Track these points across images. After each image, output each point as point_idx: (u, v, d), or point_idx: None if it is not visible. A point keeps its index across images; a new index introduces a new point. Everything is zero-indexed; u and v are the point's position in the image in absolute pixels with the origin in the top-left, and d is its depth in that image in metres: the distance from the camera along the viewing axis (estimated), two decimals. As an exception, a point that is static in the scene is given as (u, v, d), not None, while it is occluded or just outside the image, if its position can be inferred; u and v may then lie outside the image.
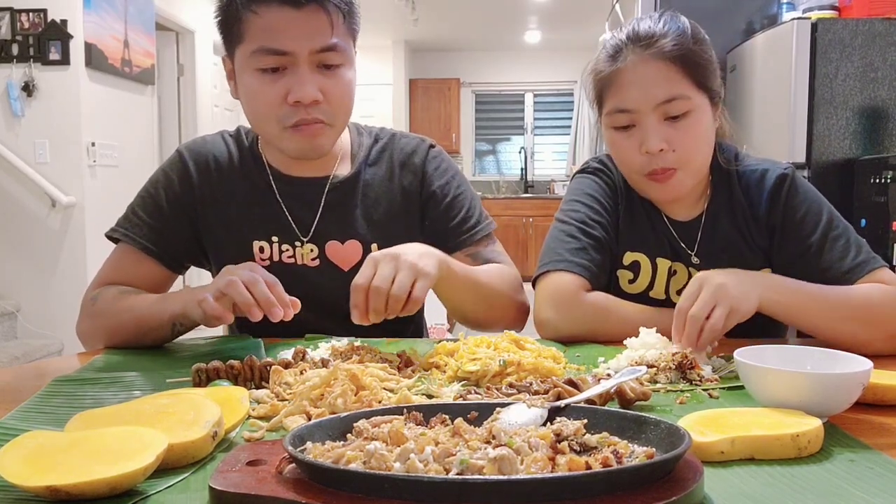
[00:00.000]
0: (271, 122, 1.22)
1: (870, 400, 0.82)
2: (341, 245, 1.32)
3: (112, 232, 1.33)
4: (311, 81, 1.18)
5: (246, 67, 1.21)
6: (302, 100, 1.18)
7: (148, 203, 1.33)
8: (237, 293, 1.03)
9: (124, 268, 1.30)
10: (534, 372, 0.93)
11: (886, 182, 2.66)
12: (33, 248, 4.31)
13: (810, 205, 1.25)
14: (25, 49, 4.21)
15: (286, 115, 1.20)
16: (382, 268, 1.03)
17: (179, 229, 1.33)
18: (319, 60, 1.19)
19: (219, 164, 1.35)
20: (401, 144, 1.40)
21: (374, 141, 1.40)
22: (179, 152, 1.37)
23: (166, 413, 0.71)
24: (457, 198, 1.36)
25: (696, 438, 0.66)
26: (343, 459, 0.57)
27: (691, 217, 1.30)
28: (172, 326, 1.16)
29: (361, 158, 1.37)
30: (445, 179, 1.38)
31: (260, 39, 1.18)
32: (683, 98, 1.18)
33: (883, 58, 2.86)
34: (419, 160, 1.38)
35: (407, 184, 1.37)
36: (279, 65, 1.18)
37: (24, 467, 0.59)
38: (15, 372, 1.18)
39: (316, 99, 1.19)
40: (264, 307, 1.03)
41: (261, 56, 1.18)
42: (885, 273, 1.19)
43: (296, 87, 1.18)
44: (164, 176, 1.35)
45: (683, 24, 1.22)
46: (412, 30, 7.95)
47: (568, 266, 1.23)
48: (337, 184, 1.34)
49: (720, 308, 1.00)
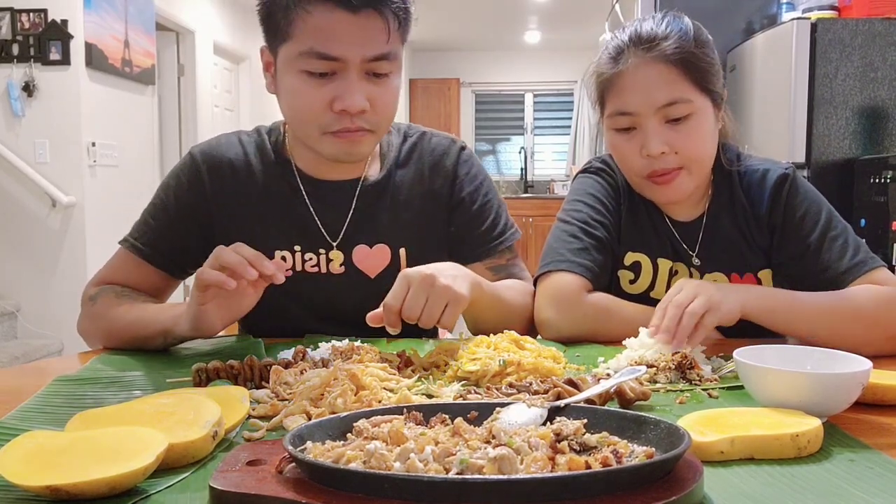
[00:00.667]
0: (311, 126, 1.17)
1: (869, 400, 0.82)
2: (369, 249, 1.28)
3: (122, 241, 1.30)
4: (360, 90, 1.12)
5: (290, 67, 1.14)
6: (349, 109, 1.12)
7: (158, 209, 1.30)
8: (226, 256, 1.00)
9: (124, 270, 1.30)
10: (534, 372, 0.93)
11: (886, 182, 2.66)
12: (33, 248, 4.31)
13: (810, 205, 1.25)
14: (26, 49, 4.21)
15: (330, 122, 1.15)
16: (415, 291, 1.01)
17: (187, 235, 1.28)
18: (370, 68, 1.13)
19: (234, 170, 1.29)
20: (431, 145, 1.34)
21: (403, 140, 1.34)
22: (192, 155, 1.31)
23: (166, 413, 0.71)
24: (485, 206, 1.32)
25: (696, 438, 0.66)
26: (343, 459, 0.57)
27: (693, 217, 1.30)
28: (163, 339, 1.14)
29: (392, 159, 1.31)
30: (475, 185, 1.33)
31: (310, 41, 1.11)
32: (685, 101, 1.18)
33: (883, 58, 2.86)
34: (450, 163, 1.33)
35: (437, 187, 1.32)
36: (328, 70, 1.12)
37: (25, 467, 0.59)
38: (15, 372, 1.18)
39: (363, 109, 1.13)
40: (256, 264, 1.00)
41: (309, 59, 1.11)
42: (882, 273, 1.19)
43: (344, 95, 1.12)
44: (174, 180, 1.30)
45: (686, 25, 1.21)
46: (412, 30, 7.93)
47: (570, 266, 1.23)
48: (368, 187, 1.29)
49: (701, 299, 1.01)
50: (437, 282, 1.01)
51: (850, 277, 1.18)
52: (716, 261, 1.28)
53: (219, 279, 0.99)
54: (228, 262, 1.00)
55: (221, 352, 1.12)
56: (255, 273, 1.00)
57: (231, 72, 6.65)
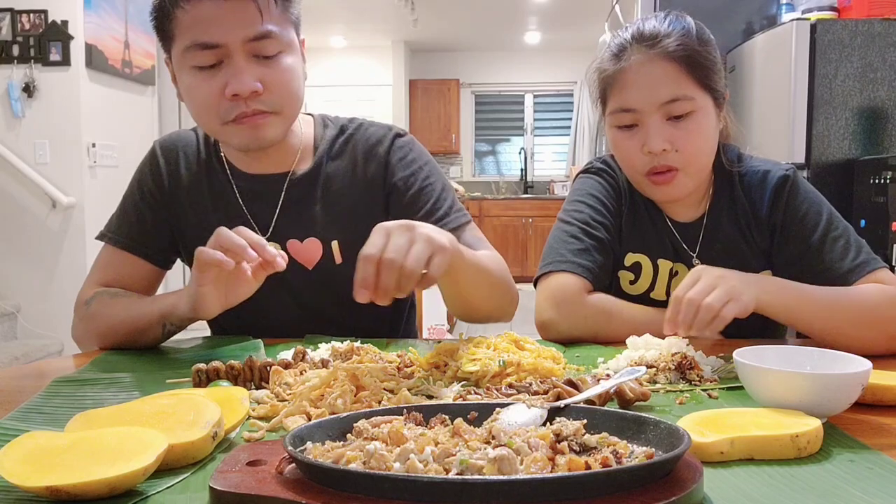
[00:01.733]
0: (212, 119, 1.18)
1: (869, 400, 0.82)
2: (300, 243, 1.29)
3: (100, 236, 1.33)
4: (248, 72, 1.14)
5: (182, 65, 1.17)
6: (240, 92, 1.13)
7: (127, 201, 1.35)
8: (226, 238, 1.00)
9: (112, 267, 1.31)
10: (533, 372, 0.93)
11: (886, 182, 2.66)
12: (33, 248, 4.31)
13: (811, 205, 1.25)
14: (26, 50, 4.21)
15: (226, 110, 1.16)
16: (396, 238, 0.91)
17: (157, 223, 1.32)
18: (255, 50, 1.14)
19: (187, 160, 1.34)
20: (367, 134, 1.33)
21: (340, 132, 1.34)
22: (153, 147, 1.36)
23: (166, 413, 0.71)
24: (422, 190, 1.28)
25: (696, 439, 0.66)
26: (343, 459, 0.57)
27: (693, 218, 1.30)
28: (163, 326, 1.15)
29: (323, 151, 1.32)
30: (411, 170, 1.30)
31: (190, 35, 1.14)
32: (687, 98, 1.18)
33: (882, 58, 2.86)
34: (383, 150, 1.31)
35: (371, 175, 1.30)
36: (214, 60, 1.14)
37: (25, 467, 0.59)
38: (15, 372, 1.18)
39: (255, 90, 1.14)
40: (256, 248, 1.00)
41: (194, 52, 1.14)
42: (884, 274, 1.18)
43: (232, 80, 1.13)
44: (139, 172, 1.36)
45: (689, 24, 1.21)
46: (412, 30, 7.95)
47: (570, 267, 1.23)
48: (296, 180, 1.30)
49: (719, 290, 0.98)
50: (418, 230, 0.93)
51: (853, 278, 1.18)
52: (716, 262, 1.27)
53: (217, 259, 0.99)
54: (229, 242, 1.00)
55: (221, 352, 1.12)
56: (255, 255, 1.00)
57: (231, 72, 6.65)
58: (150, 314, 1.16)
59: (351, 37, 8.53)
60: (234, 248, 1.00)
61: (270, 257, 1.01)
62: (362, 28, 8.15)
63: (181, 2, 1.14)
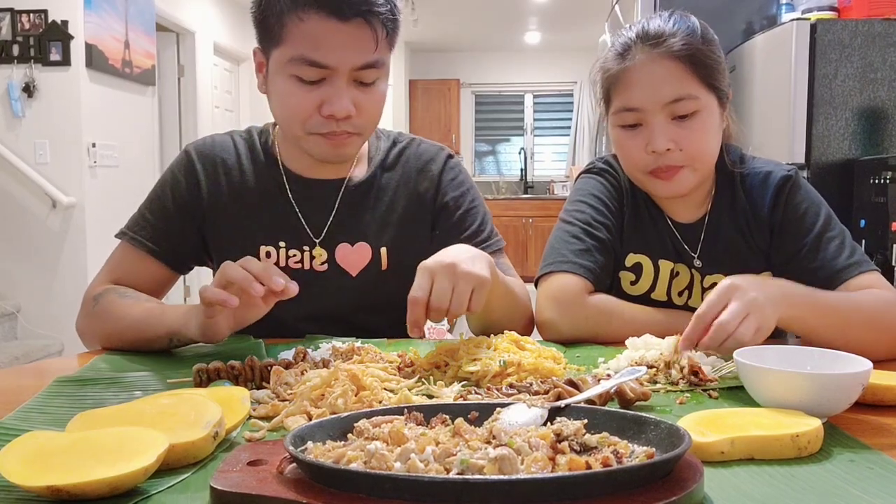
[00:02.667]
0: (298, 127, 1.20)
1: (869, 400, 0.82)
2: (351, 248, 1.30)
3: (120, 234, 1.32)
4: (348, 96, 1.16)
5: (281, 70, 1.18)
6: (336, 114, 1.16)
7: (154, 203, 1.33)
8: (233, 272, 1.00)
9: (126, 266, 1.30)
10: (534, 372, 0.94)
11: (886, 182, 2.66)
12: (33, 248, 4.31)
13: (809, 205, 1.26)
14: (26, 50, 4.21)
15: (317, 125, 1.19)
16: (440, 281, 0.99)
17: (185, 229, 1.32)
18: (358, 77, 1.17)
19: (227, 167, 1.33)
20: (420, 150, 1.39)
21: (392, 144, 1.39)
22: (187, 152, 1.35)
23: (167, 413, 0.71)
24: (469, 211, 1.35)
25: (696, 438, 0.66)
26: (344, 459, 0.57)
27: (695, 219, 1.30)
28: (169, 341, 1.15)
29: (378, 162, 1.35)
30: (461, 191, 1.36)
31: (301, 48, 1.14)
32: (692, 98, 1.18)
33: (882, 58, 2.86)
34: (436, 168, 1.37)
35: (422, 190, 1.35)
36: (318, 77, 1.16)
37: (25, 467, 0.59)
38: (15, 372, 1.18)
39: (350, 114, 1.17)
40: (263, 279, 0.99)
41: (300, 65, 1.15)
42: (875, 276, 1.18)
43: (333, 100, 1.15)
44: (171, 176, 1.34)
45: (693, 23, 1.21)
46: (412, 30, 7.95)
47: (571, 267, 1.23)
48: (353, 186, 1.32)
49: (750, 321, 0.93)
50: (459, 268, 0.99)
51: (844, 277, 1.17)
52: (717, 262, 1.28)
53: (221, 299, 0.98)
54: (233, 278, 1.00)
55: (222, 352, 1.12)
56: (262, 288, 0.99)
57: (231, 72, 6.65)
58: (157, 328, 1.15)
59: (351, 37, 8.52)
60: (240, 282, 0.99)
61: (278, 287, 1.00)
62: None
63: (300, 11, 1.13)
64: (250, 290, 0.98)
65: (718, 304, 0.95)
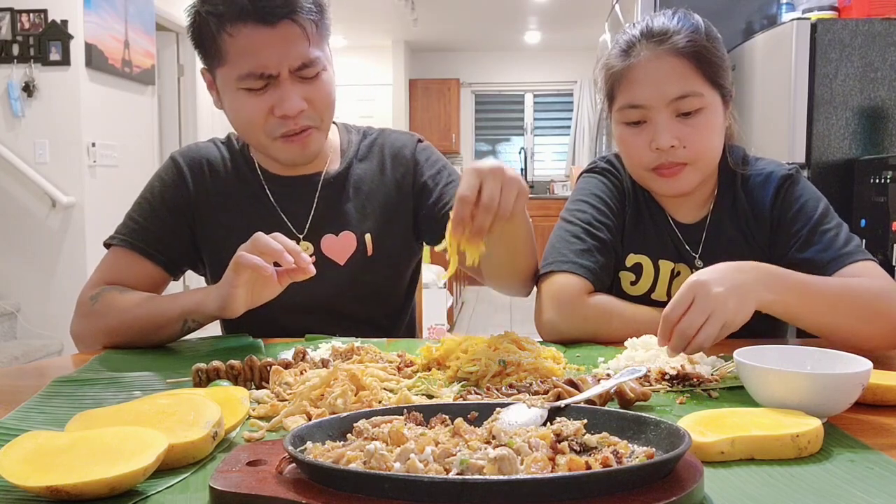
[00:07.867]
0: (260, 135, 1.25)
1: (870, 400, 0.82)
2: (336, 237, 1.34)
3: (109, 239, 1.33)
4: (295, 93, 1.20)
5: (230, 87, 1.22)
6: (288, 113, 1.20)
7: (144, 208, 1.34)
8: (264, 243, 1.05)
9: (118, 269, 1.30)
10: (533, 372, 0.93)
11: (886, 182, 2.66)
12: (33, 248, 4.31)
13: (808, 199, 1.25)
14: (26, 49, 4.21)
15: (274, 128, 1.23)
16: (490, 182, 0.97)
17: (176, 231, 1.33)
18: (301, 74, 1.21)
19: (213, 168, 1.37)
20: (391, 139, 1.44)
21: (363, 137, 1.44)
22: (173, 158, 1.39)
23: (166, 413, 0.71)
24: (448, 185, 1.37)
25: (696, 438, 0.66)
26: (343, 459, 0.57)
27: (697, 219, 1.30)
28: (183, 323, 1.16)
29: (352, 154, 1.40)
30: (436, 169, 1.40)
31: (242, 64, 1.18)
32: (696, 95, 1.18)
33: (883, 58, 2.86)
34: (409, 153, 1.41)
35: (399, 176, 1.39)
36: (264, 84, 1.20)
37: (25, 467, 0.59)
38: (14, 372, 1.18)
39: (302, 109, 1.21)
40: (292, 253, 1.05)
41: (244, 79, 1.19)
42: (869, 265, 1.16)
43: (282, 102, 1.20)
44: (158, 181, 1.36)
45: (697, 21, 1.21)
46: (412, 30, 7.95)
47: (572, 268, 1.22)
48: (329, 179, 1.36)
49: (712, 323, 0.92)
50: (507, 173, 0.99)
51: (837, 265, 1.16)
52: (718, 263, 1.27)
53: (254, 263, 1.04)
54: (268, 247, 1.05)
55: (221, 352, 1.12)
56: (291, 260, 1.05)
57: (231, 72, 6.64)
58: (170, 310, 1.17)
59: (351, 36, 8.53)
60: (272, 252, 1.05)
61: (304, 264, 1.06)
62: (362, 28, 8.15)
63: (227, 28, 1.17)
64: (282, 260, 1.04)
65: (683, 303, 0.94)
